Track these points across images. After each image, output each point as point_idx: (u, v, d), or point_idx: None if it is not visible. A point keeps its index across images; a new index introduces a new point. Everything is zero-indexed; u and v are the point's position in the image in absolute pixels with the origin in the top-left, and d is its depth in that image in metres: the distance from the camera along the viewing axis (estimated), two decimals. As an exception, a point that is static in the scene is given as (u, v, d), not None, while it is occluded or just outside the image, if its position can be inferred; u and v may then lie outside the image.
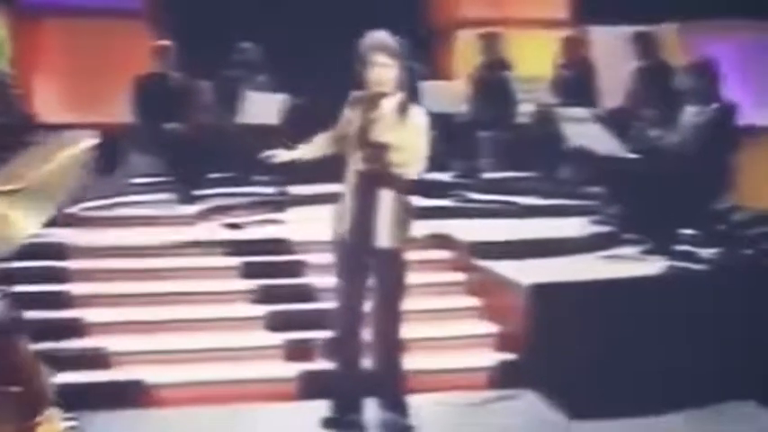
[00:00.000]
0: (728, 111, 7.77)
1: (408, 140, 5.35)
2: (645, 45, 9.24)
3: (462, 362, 6.70)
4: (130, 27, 10.48)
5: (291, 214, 8.89)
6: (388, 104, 5.45)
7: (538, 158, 9.57)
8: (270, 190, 9.30)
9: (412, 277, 7.28)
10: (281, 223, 8.58)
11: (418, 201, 9.05)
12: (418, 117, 5.48)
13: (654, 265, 7.28)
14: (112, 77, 10.24)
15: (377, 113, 5.44)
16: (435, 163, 10.06)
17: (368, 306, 5.65)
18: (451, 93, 9.93)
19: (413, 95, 9.71)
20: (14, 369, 3.53)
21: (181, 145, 8.70)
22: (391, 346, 5.61)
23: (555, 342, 6.43)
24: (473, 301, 7.26)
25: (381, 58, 5.40)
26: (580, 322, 6.48)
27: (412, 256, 7.53)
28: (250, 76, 9.71)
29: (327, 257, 7.10)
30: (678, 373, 6.27)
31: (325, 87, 10.03)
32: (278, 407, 6.18)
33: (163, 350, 6.53)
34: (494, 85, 9.94)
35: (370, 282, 5.59)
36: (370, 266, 5.54)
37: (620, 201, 7.95)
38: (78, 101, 10.36)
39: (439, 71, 11.17)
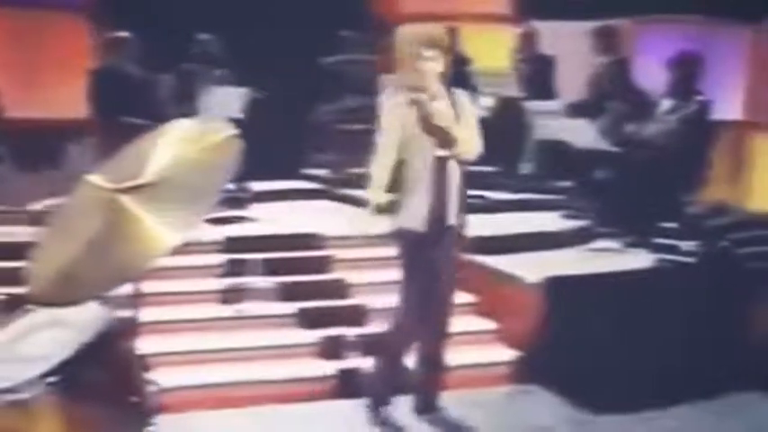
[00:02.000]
0: (705, 106, 7.87)
1: (467, 126, 5.51)
2: (606, 40, 9.27)
3: (464, 359, 6.63)
4: (72, 19, 10.05)
5: (259, 211, 8.72)
6: (442, 100, 5.50)
7: (500, 152, 9.51)
8: (231, 186, 9.08)
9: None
10: (254, 220, 8.39)
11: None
12: (468, 103, 5.64)
13: (642, 258, 7.34)
14: (54, 72, 9.83)
15: (435, 103, 5.45)
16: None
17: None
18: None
19: (369, 87, 9.84)
20: (128, 377, 3.30)
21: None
22: (441, 341, 5.68)
23: (564, 337, 6.43)
24: (467, 298, 7.19)
25: (427, 51, 5.38)
26: (589, 316, 6.49)
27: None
28: (209, 70, 9.43)
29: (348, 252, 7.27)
30: (685, 364, 6.33)
31: (280, 81, 9.89)
32: (305, 407, 6.09)
33: (181, 351, 6.39)
34: (454, 79, 9.83)
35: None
36: (438, 257, 5.54)
37: (599, 193, 7.98)
38: (17, 95, 9.86)
39: (383, 66, 11.02)
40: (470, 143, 5.51)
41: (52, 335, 3.31)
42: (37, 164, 9.11)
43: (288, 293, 7.11)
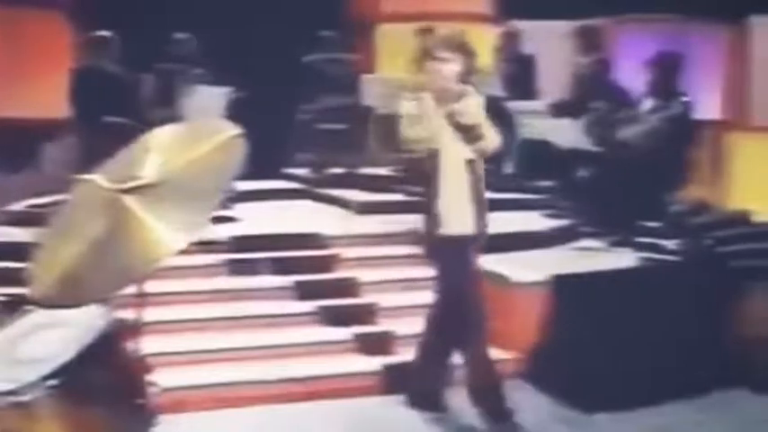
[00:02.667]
0: (687, 105, 7.92)
1: (484, 129, 5.53)
2: (588, 39, 9.32)
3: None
4: (52, 18, 9.96)
5: (242, 211, 8.67)
6: (461, 102, 5.48)
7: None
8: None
9: (386, 274, 7.35)
10: (239, 220, 8.34)
11: (364, 196, 9.17)
12: (478, 100, 5.59)
13: (626, 257, 7.38)
14: (34, 71, 9.75)
15: (458, 102, 5.45)
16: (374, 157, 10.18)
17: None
18: (391, 86, 9.82)
19: (349, 87, 9.84)
20: (130, 379, 3.27)
21: (126, 140, 8.29)
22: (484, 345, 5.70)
23: (552, 336, 6.45)
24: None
25: (443, 53, 5.38)
26: (576, 316, 6.50)
27: (383, 252, 7.62)
28: (187, 69, 9.39)
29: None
30: (671, 362, 6.37)
31: (259, 80, 9.87)
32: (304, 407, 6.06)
33: (181, 351, 6.37)
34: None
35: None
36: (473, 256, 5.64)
37: (582, 193, 8.02)
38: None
39: (362, 65, 11.03)
40: (492, 139, 5.55)
41: (53, 336, 3.28)
42: (16, 164, 9.03)
43: (291, 293, 7.12)
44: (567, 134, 7.89)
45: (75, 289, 3.02)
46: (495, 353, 5.95)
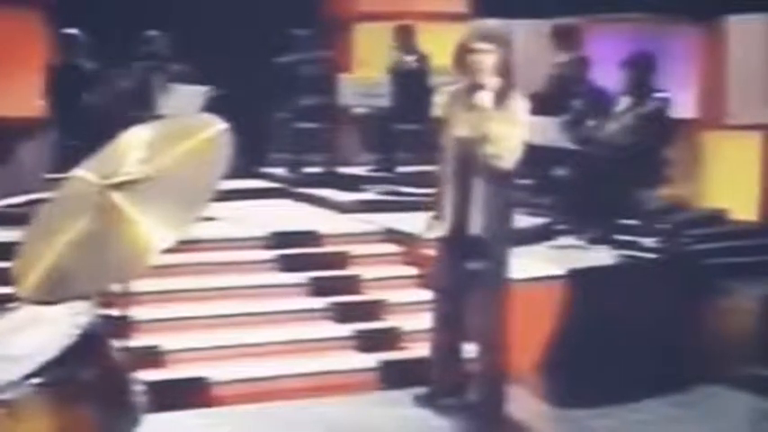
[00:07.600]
0: (663, 103, 7.96)
1: (505, 131, 5.29)
2: (565, 38, 9.34)
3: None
4: (23, 16, 9.84)
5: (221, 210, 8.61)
6: (487, 93, 5.34)
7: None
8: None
9: (364, 271, 7.37)
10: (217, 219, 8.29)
11: (341, 195, 9.16)
12: (517, 107, 5.43)
13: (604, 255, 7.41)
14: (3, 69, 9.62)
15: (475, 103, 5.34)
16: (353, 156, 10.18)
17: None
18: (368, 85, 9.84)
19: (325, 86, 9.82)
20: (115, 377, 3.24)
21: (102, 138, 8.25)
22: (489, 345, 5.55)
23: (532, 334, 6.46)
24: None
25: (480, 44, 5.31)
26: (556, 313, 6.53)
27: (365, 250, 7.62)
28: (161, 66, 9.35)
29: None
30: (648, 359, 6.42)
31: (235, 80, 9.82)
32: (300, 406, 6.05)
33: (218, 346, 6.46)
34: (411, 77, 9.88)
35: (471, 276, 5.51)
36: (468, 259, 5.47)
37: (560, 191, 8.04)
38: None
39: (338, 65, 11.01)
40: (503, 150, 5.30)
41: (37, 334, 3.24)
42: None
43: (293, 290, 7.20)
44: (543, 132, 7.87)
45: (61, 286, 2.99)
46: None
